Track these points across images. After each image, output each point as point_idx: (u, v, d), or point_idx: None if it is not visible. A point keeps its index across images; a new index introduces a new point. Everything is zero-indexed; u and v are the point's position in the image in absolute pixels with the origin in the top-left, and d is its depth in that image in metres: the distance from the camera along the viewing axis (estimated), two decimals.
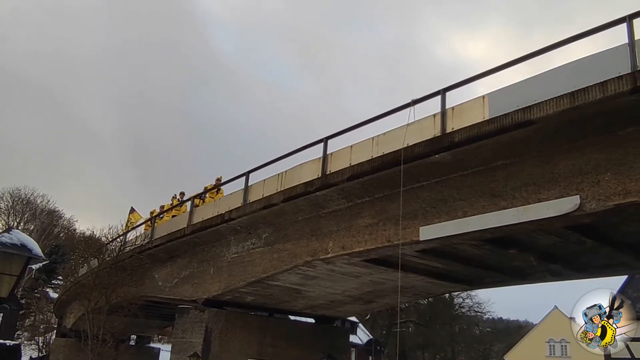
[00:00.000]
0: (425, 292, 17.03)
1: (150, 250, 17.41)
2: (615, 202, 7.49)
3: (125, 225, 21.42)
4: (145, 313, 19.61)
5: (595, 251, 11.24)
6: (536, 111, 7.69)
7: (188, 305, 15.70)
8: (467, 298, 51.15)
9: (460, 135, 8.69)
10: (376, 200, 10.78)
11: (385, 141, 10.28)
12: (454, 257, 12.04)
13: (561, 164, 8.14)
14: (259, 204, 12.99)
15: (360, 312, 21.32)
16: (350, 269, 12.67)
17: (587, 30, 7.94)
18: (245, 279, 13.84)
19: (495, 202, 8.88)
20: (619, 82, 6.95)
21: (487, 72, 9.25)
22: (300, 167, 12.83)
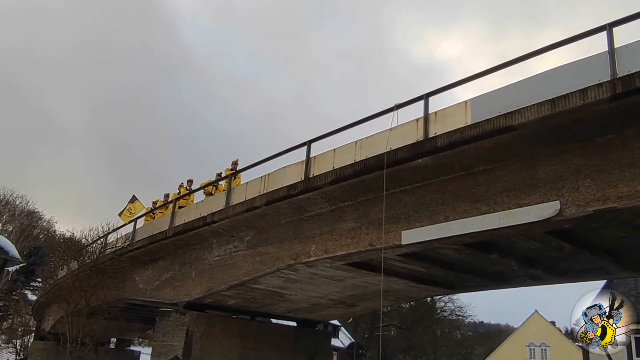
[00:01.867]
0: (407, 296, 17.09)
1: (132, 252, 17.25)
2: (595, 208, 7.58)
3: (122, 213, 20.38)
4: (125, 316, 19.44)
5: (574, 256, 11.35)
6: (517, 117, 7.76)
7: (169, 308, 15.58)
8: (449, 302, 51.49)
9: (443, 140, 8.74)
10: (359, 204, 10.80)
11: (369, 145, 10.32)
12: (435, 261, 12.10)
13: (542, 170, 8.22)
14: (241, 207, 12.94)
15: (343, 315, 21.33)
16: (333, 273, 12.67)
17: (567, 38, 8.07)
18: (228, 282, 13.77)
19: (476, 206, 8.93)
20: (598, 89, 7.04)
21: (469, 78, 9.36)
22: (284, 170, 12.82)
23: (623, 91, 6.84)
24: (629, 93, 6.82)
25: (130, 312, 19.73)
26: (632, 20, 7.45)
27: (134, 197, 21.04)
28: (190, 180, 18.30)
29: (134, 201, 20.82)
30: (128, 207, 20.70)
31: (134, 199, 20.90)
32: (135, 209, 20.43)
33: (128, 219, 19.68)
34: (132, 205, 20.69)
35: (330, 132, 11.52)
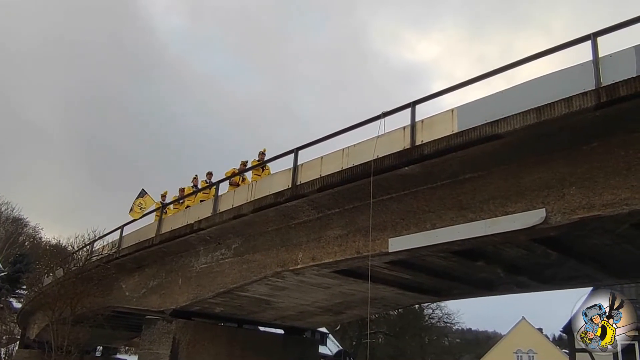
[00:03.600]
0: (395, 303, 17.09)
1: (118, 259, 17.14)
2: (580, 216, 7.62)
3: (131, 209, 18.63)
4: (111, 324, 19.27)
5: (560, 263, 11.41)
6: (503, 125, 7.80)
7: (155, 316, 15.46)
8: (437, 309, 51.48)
9: (430, 148, 8.77)
10: (346, 212, 10.80)
11: (356, 153, 10.33)
12: (422, 269, 12.11)
13: (528, 178, 8.26)
14: (228, 214, 12.90)
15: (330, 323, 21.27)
16: (320, 280, 12.64)
17: (552, 47, 8.14)
18: (214, 289, 13.70)
19: (463, 214, 8.96)
20: (583, 98, 7.10)
21: (455, 87, 9.44)
22: (271, 177, 12.84)
23: (607, 100, 6.91)
24: (613, 102, 6.88)
25: (116, 320, 19.56)
26: (615, 30, 7.54)
27: (143, 191, 19.12)
28: (210, 173, 17.11)
29: (143, 195, 18.92)
30: (138, 202, 18.82)
31: (144, 193, 19.00)
32: (145, 204, 18.59)
33: (139, 214, 18.20)
34: (142, 200, 18.81)
35: (317, 139, 11.53)
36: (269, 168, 14.41)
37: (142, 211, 18.18)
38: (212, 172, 17.10)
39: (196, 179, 17.66)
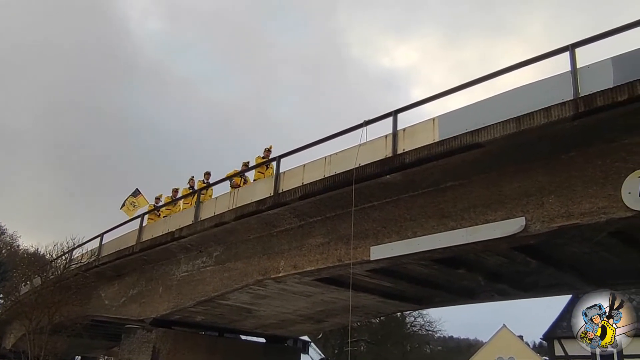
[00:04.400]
0: (376, 311, 17.09)
1: (97, 267, 16.94)
2: (559, 224, 7.71)
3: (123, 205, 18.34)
4: (90, 333, 18.98)
5: (540, 271, 11.52)
6: (484, 134, 7.87)
7: (135, 324, 15.29)
8: (419, 317, 51.55)
9: (411, 157, 8.82)
10: (328, 220, 10.80)
11: (338, 161, 10.35)
12: (404, 277, 12.14)
13: (508, 186, 8.34)
14: (210, 222, 12.82)
15: (312, 331, 21.21)
16: (302, 288, 12.61)
17: (531, 58, 8.27)
18: (195, 298, 13.59)
19: (444, 222, 9.01)
20: (562, 108, 7.20)
21: (436, 96, 9.50)
22: (253, 185, 12.79)
23: (585, 110, 7.01)
24: (590, 112, 6.99)
25: (95, 329, 19.30)
26: (593, 41, 7.69)
27: (137, 190, 18.93)
28: (208, 173, 16.39)
29: (137, 195, 18.78)
30: (131, 200, 18.69)
31: (137, 192, 18.81)
32: (139, 203, 18.43)
33: (132, 212, 17.89)
34: (135, 199, 18.66)
35: (299, 147, 11.54)
36: (272, 167, 13.42)
37: (135, 209, 17.87)
38: (210, 172, 16.43)
39: (192, 180, 16.95)
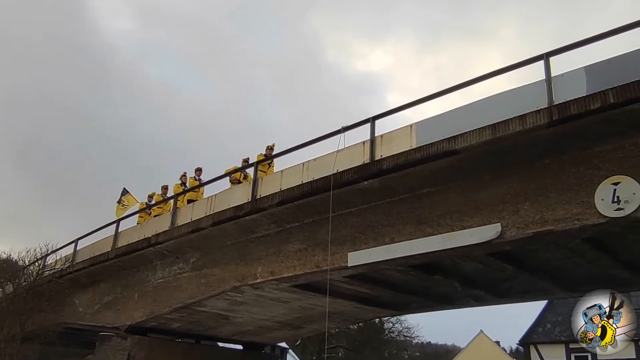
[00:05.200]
0: (354, 317, 17.10)
1: (71, 274, 16.68)
2: (534, 230, 7.80)
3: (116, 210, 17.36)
4: (63, 341, 18.65)
5: (515, 277, 11.63)
6: (460, 141, 7.95)
7: (110, 332, 15.06)
8: (397, 323, 51.65)
9: (388, 163, 8.86)
10: (306, 226, 10.79)
11: (316, 167, 10.36)
12: (381, 283, 12.16)
13: (484, 193, 8.41)
14: (187, 228, 12.72)
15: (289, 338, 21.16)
16: (279, 295, 12.55)
17: (507, 66, 8.38)
18: (171, 304, 13.45)
19: (421, 228, 9.05)
20: (536, 115, 7.30)
21: (413, 103, 9.57)
22: (231, 190, 12.73)
23: (559, 118, 7.12)
24: (564, 120, 7.10)
25: (68, 337, 18.95)
26: (567, 50, 7.82)
27: (124, 190, 17.93)
28: (199, 169, 15.62)
29: (125, 194, 17.78)
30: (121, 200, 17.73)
31: (125, 191, 17.81)
32: (128, 202, 17.51)
33: (122, 212, 17.15)
34: (124, 198, 17.65)
35: (276, 153, 11.57)
36: (274, 165, 13.29)
37: (124, 209, 17.21)
38: (202, 169, 15.74)
39: (185, 177, 16.08)
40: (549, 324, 29.14)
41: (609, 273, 11.13)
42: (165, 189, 16.61)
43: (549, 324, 29.14)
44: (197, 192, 14.73)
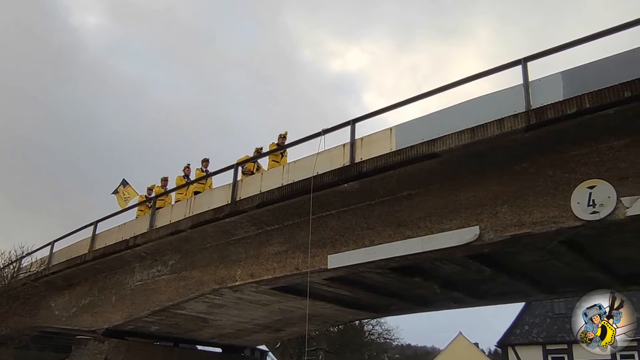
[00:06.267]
0: (334, 320, 17.10)
1: (47, 277, 16.46)
2: (511, 233, 7.87)
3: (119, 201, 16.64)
4: (38, 345, 18.44)
5: (494, 279, 11.73)
6: (440, 144, 8.00)
7: (87, 335, 14.88)
8: (377, 325, 51.68)
9: (368, 166, 8.88)
10: (286, 228, 10.76)
11: (296, 169, 10.35)
12: (361, 285, 12.19)
13: (462, 196, 8.47)
14: (165, 230, 12.62)
15: (269, 340, 21.08)
16: (259, 297, 12.51)
17: (485, 71, 8.47)
18: (150, 307, 13.32)
19: (401, 231, 9.09)
20: (514, 119, 7.38)
21: (393, 106, 9.63)
22: (210, 192, 12.66)
23: (537, 122, 7.20)
24: (542, 124, 7.19)
25: (43, 340, 18.74)
26: (545, 55, 7.94)
27: (124, 181, 17.13)
28: (206, 160, 14.79)
29: (125, 185, 16.99)
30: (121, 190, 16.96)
31: (125, 183, 17.01)
32: (129, 194, 16.74)
33: (125, 204, 16.50)
34: (124, 190, 16.87)
35: (257, 156, 11.50)
36: (287, 155, 12.87)
37: (126, 202, 16.53)
38: (209, 159, 14.96)
39: (188, 169, 15.37)
40: (527, 325, 29.49)
41: (585, 275, 11.28)
42: (165, 181, 16.02)
43: (527, 325, 29.49)
44: (204, 184, 14.13)
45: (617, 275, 11.16)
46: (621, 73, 6.74)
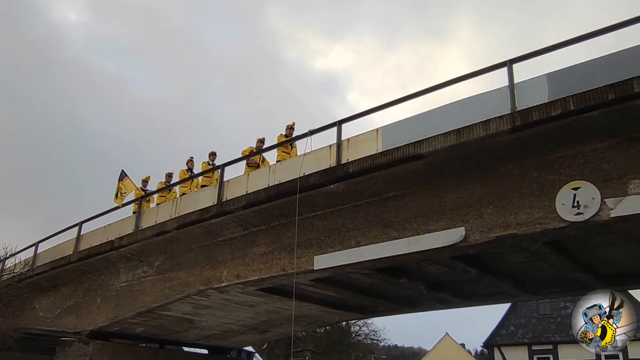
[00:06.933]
0: (320, 321, 17.09)
1: (31, 278, 16.29)
2: (497, 234, 7.90)
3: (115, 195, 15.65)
4: (22, 347, 18.14)
5: (479, 280, 11.78)
6: (425, 146, 8.02)
7: (71, 337, 14.72)
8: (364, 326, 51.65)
9: (354, 167, 8.88)
10: (272, 229, 10.74)
11: (282, 170, 10.34)
12: (347, 286, 12.19)
13: (448, 197, 8.50)
14: (151, 231, 12.53)
15: (256, 342, 21.02)
16: (245, 298, 12.47)
17: (471, 72, 8.51)
18: (135, 308, 13.22)
19: (387, 232, 9.09)
20: (500, 121, 7.41)
21: (380, 107, 9.64)
22: (196, 193, 12.61)
23: (522, 124, 7.24)
24: (527, 126, 7.22)
25: (27, 342, 18.49)
26: (530, 57, 7.99)
27: (122, 172, 15.97)
28: (213, 154, 14.21)
29: (123, 178, 15.78)
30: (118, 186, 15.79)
31: (124, 175, 15.85)
32: (126, 189, 15.64)
33: (122, 201, 15.58)
34: (122, 184, 15.65)
35: (242, 157, 11.49)
36: (296, 147, 12.39)
37: (123, 197, 15.60)
38: (216, 153, 14.30)
39: (192, 162, 14.85)
40: (512, 326, 29.65)
41: (569, 276, 11.36)
42: (169, 177, 15.37)
43: (512, 326, 29.65)
44: (210, 178, 13.59)
45: (601, 276, 11.25)
46: (605, 75, 6.80)
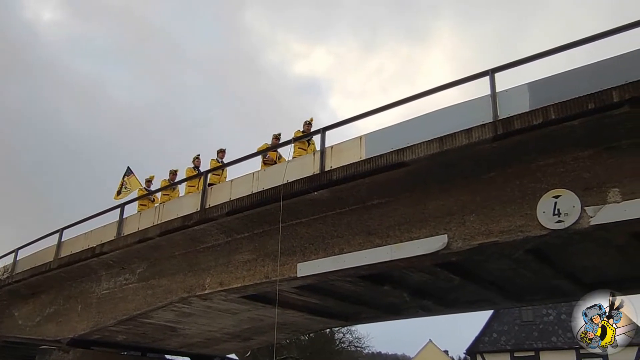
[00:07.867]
0: (304, 328, 17.04)
1: (10, 285, 16.04)
2: (479, 242, 7.95)
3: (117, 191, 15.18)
4: (0, 355, 17.91)
5: (462, 287, 11.83)
6: (409, 153, 8.06)
7: (51, 345, 14.52)
8: (348, 333, 51.61)
9: (338, 174, 8.90)
10: (255, 236, 10.70)
11: (266, 177, 10.32)
12: (330, 294, 12.17)
13: (431, 204, 8.54)
14: (133, 238, 12.42)
15: (239, 349, 20.88)
16: (228, 306, 12.39)
17: (454, 81, 8.59)
18: (117, 316, 13.07)
19: (370, 239, 9.11)
20: (482, 129, 7.48)
21: (364, 114, 9.65)
22: (179, 200, 12.54)
23: (504, 132, 7.32)
24: (509, 134, 7.30)
25: (6, 350, 18.18)
26: (512, 67, 8.07)
27: (128, 169, 15.48)
28: (222, 151, 13.63)
29: (129, 174, 15.33)
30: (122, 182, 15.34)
31: (129, 171, 15.37)
32: (131, 185, 15.14)
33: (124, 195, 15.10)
34: (127, 180, 15.23)
35: (226, 163, 11.45)
36: (314, 144, 11.83)
37: (127, 192, 15.11)
38: (225, 150, 13.70)
39: (198, 160, 14.08)
40: (495, 333, 29.82)
41: (551, 283, 11.47)
42: (174, 175, 14.72)
43: (495, 333, 29.82)
44: (219, 176, 13.06)
45: (582, 284, 11.33)
46: (586, 85, 6.90)
